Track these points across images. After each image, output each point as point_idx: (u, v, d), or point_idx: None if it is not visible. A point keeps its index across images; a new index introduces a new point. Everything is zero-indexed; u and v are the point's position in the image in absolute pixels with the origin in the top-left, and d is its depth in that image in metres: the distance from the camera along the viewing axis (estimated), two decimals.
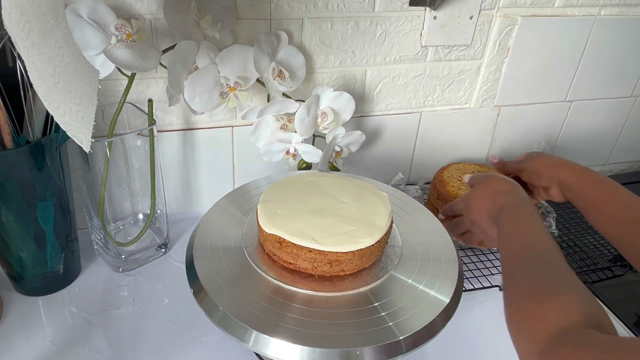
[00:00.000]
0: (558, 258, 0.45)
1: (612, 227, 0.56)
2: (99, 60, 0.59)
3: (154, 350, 0.60)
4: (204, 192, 0.83)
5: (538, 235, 0.47)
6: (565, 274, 0.42)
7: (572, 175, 0.61)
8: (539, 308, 0.38)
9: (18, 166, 0.56)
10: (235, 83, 0.65)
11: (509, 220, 0.51)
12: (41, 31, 0.41)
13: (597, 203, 0.57)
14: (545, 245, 0.46)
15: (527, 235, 0.48)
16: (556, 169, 0.63)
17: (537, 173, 0.65)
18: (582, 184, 0.59)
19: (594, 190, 0.58)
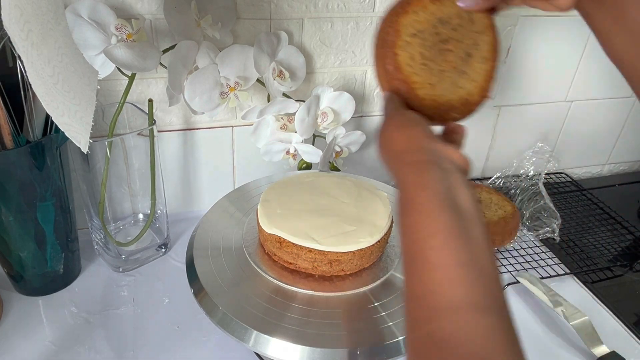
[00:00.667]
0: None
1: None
2: (99, 61, 0.59)
3: (154, 350, 0.60)
4: (204, 192, 0.83)
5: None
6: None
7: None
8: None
9: (18, 166, 0.56)
10: (235, 83, 0.65)
11: (404, 210, 0.36)
12: (41, 31, 0.41)
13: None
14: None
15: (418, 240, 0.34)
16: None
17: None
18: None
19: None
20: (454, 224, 0.33)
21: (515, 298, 0.71)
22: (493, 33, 0.45)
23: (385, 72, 0.44)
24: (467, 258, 0.33)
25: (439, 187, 0.35)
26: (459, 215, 0.34)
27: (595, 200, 0.98)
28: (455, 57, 0.44)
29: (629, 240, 0.88)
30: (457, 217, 0.34)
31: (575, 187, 1.02)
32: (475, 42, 0.44)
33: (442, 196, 0.34)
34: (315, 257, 0.52)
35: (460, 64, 0.44)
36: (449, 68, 0.43)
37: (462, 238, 0.33)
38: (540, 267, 0.77)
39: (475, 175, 1.00)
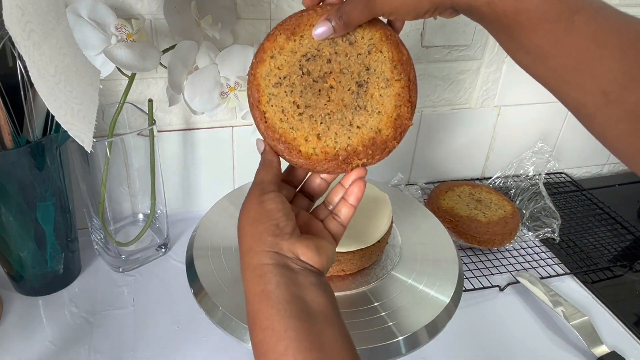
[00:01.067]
0: None
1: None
2: (99, 60, 0.59)
3: (154, 350, 0.60)
4: (204, 192, 0.83)
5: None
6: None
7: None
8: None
9: (18, 166, 0.56)
10: (236, 83, 0.65)
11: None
12: (42, 31, 0.41)
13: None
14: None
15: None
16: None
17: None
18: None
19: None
20: (303, 335, 0.31)
21: (515, 298, 0.71)
22: (390, 45, 0.36)
23: (262, 134, 0.39)
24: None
25: (283, 294, 0.33)
26: (308, 322, 0.32)
27: (595, 200, 0.98)
28: (342, 93, 0.36)
29: (629, 240, 0.88)
30: (306, 325, 0.31)
31: (575, 187, 1.02)
32: (366, 66, 0.36)
33: (287, 305, 0.32)
34: None
35: (352, 98, 0.37)
36: (336, 109, 0.36)
37: (314, 349, 0.31)
38: (540, 267, 0.77)
39: (475, 175, 1.00)
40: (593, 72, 0.32)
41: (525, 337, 0.66)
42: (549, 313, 0.69)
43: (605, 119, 0.33)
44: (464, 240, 0.78)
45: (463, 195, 0.83)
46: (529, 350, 0.64)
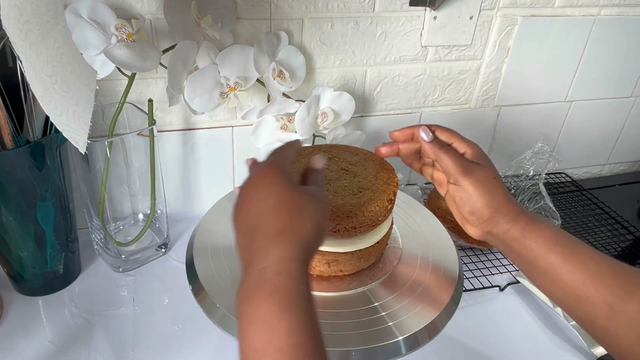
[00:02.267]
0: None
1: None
2: (99, 60, 0.59)
3: (154, 350, 0.60)
4: (204, 192, 0.83)
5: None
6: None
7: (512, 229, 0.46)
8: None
9: (18, 166, 0.56)
10: (235, 83, 0.65)
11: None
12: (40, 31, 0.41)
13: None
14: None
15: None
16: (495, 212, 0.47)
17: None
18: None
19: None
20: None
21: (515, 298, 0.71)
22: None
23: None
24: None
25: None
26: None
27: (595, 200, 0.98)
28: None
29: (629, 240, 0.88)
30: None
31: (575, 187, 1.02)
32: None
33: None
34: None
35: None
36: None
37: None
38: None
39: None
40: (596, 287, 0.40)
41: (525, 337, 0.66)
42: (549, 313, 0.69)
43: (615, 328, 0.39)
44: (464, 240, 0.78)
45: None
46: (528, 350, 0.64)
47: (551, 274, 0.43)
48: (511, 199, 0.48)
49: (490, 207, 0.47)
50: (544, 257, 0.43)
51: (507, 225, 0.46)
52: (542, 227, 0.45)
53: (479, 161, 0.49)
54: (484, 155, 0.50)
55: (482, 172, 0.48)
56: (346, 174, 0.56)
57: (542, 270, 0.44)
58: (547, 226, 0.45)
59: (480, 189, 0.47)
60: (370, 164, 0.58)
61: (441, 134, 0.52)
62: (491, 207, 0.47)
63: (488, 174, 0.48)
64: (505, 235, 0.46)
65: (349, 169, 0.56)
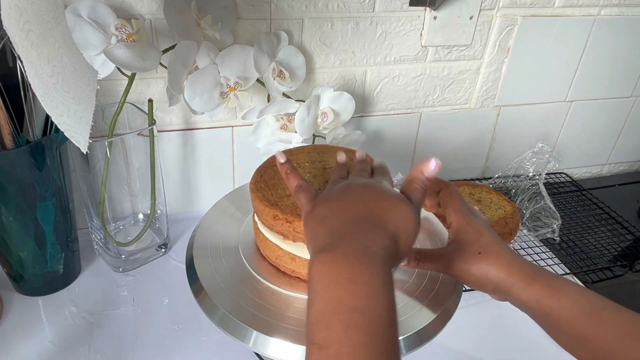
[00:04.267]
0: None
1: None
2: (99, 60, 0.59)
3: (154, 350, 0.60)
4: (204, 192, 0.83)
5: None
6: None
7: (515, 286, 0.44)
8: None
9: (18, 166, 0.56)
10: (235, 83, 0.65)
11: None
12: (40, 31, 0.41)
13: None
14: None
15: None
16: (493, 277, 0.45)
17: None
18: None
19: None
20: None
21: None
22: None
23: None
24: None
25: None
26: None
27: (595, 200, 0.98)
28: None
29: (629, 240, 0.88)
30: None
31: (575, 187, 1.02)
32: None
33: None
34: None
35: None
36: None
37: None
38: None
39: (475, 175, 1.00)
40: (626, 354, 0.38)
41: (525, 337, 0.66)
42: None
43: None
44: None
45: (463, 195, 0.83)
46: (529, 350, 0.64)
47: (577, 340, 0.41)
48: (513, 268, 0.44)
49: (488, 284, 0.45)
50: (568, 327, 0.41)
51: (520, 297, 0.43)
52: (562, 295, 0.42)
53: (461, 237, 0.47)
54: (468, 229, 0.47)
55: (463, 255, 0.46)
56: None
57: (568, 337, 0.42)
58: (568, 294, 0.42)
59: (469, 276, 0.45)
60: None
61: (443, 195, 0.51)
62: (489, 283, 0.45)
63: (470, 254, 0.45)
64: (521, 305, 0.44)
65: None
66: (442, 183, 0.52)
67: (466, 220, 0.48)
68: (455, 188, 0.51)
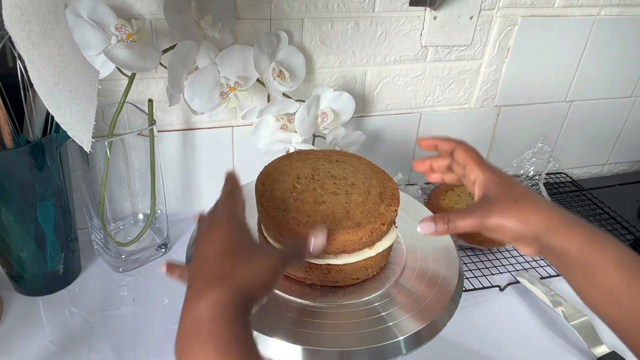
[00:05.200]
0: None
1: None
2: (99, 60, 0.59)
3: (154, 350, 0.60)
4: (204, 192, 0.83)
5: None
6: None
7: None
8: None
9: (18, 166, 0.56)
10: (235, 83, 0.65)
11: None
12: (42, 31, 0.41)
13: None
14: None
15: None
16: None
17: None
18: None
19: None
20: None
21: (515, 298, 0.71)
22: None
23: None
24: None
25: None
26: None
27: (595, 200, 0.98)
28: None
29: (629, 241, 0.88)
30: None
31: (575, 187, 1.02)
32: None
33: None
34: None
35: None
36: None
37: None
38: (540, 267, 0.77)
39: None
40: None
41: (525, 337, 0.66)
42: (549, 313, 0.69)
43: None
44: (464, 240, 0.78)
45: (463, 195, 0.83)
46: (529, 350, 0.64)
47: (610, 294, 0.40)
48: (553, 213, 0.43)
49: (526, 233, 0.43)
50: (605, 278, 0.40)
51: (560, 242, 0.42)
52: (605, 245, 0.41)
53: (492, 190, 0.45)
54: (497, 180, 0.46)
55: (499, 206, 0.44)
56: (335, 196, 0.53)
57: (600, 289, 0.40)
58: (610, 243, 0.41)
59: (507, 228, 0.43)
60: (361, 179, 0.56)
61: (458, 153, 0.50)
62: (527, 232, 0.43)
63: (506, 204, 0.44)
64: (561, 252, 0.42)
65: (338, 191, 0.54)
66: (454, 142, 0.50)
67: (493, 172, 0.47)
68: (469, 144, 0.50)
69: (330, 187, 0.54)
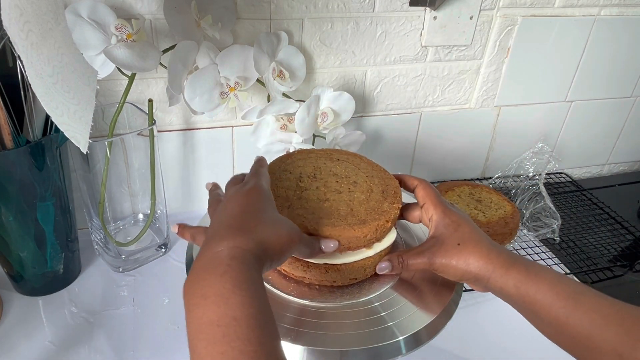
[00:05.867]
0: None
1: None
2: (99, 61, 0.59)
3: (154, 350, 0.60)
4: (204, 192, 0.83)
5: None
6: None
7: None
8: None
9: (18, 166, 0.56)
10: (235, 83, 0.65)
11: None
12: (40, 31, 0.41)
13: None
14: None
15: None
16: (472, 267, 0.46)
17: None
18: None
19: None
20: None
21: None
22: None
23: None
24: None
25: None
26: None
27: (595, 200, 0.98)
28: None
29: (629, 240, 0.88)
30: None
31: (575, 187, 1.02)
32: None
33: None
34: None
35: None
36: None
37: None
38: None
39: (475, 176, 1.00)
40: (604, 337, 0.38)
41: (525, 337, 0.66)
42: None
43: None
44: None
45: (463, 195, 0.83)
46: (529, 351, 0.64)
47: (556, 326, 0.41)
48: (492, 255, 0.45)
49: (468, 274, 0.46)
50: (546, 312, 0.42)
51: (499, 283, 0.44)
52: (539, 280, 0.42)
53: (441, 231, 0.48)
54: (447, 221, 0.48)
55: (444, 248, 0.46)
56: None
57: (546, 323, 0.42)
58: (544, 278, 0.42)
59: (450, 269, 0.46)
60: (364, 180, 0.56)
61: (418, 192, 0.52)
62: (469, 274, 0.45)
63: (450, 246, 0.46)
64: (501, 292, 0.44)
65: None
66: (415, 180, 0.53)
67: (444, 212, 0.49)
68: (429, 183, 0.52)
69: (333, 185, 0.54)
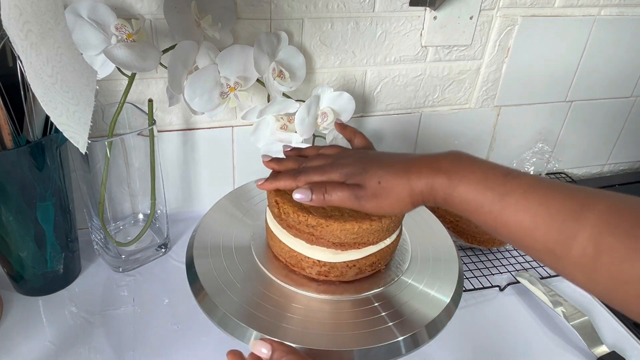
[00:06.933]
0: None
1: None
2: (99, 61, 0.59)
3: (154, 350, 0.60)
4: (204, 192, 0.83)
5: None
6: None
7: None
8: None
9: (18, 166, 0.56)
10: (235, 83, 0.65)
11: None
12: (40, 32, 0.41)
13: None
14: None
15: None
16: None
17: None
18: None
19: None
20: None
21: (515, 298, 0.71)
22: None
23: None
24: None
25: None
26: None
27: None
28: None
29: None
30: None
31: None
32: None
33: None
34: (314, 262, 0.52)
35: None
36: None
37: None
38: (540, 267, 0.77)
39: None
40: (536, 237, 0.38)
41: (525, 337, 0.66)
42: (549, 313, 0.69)
43: (564, 271, 0.38)
44: (464, 240, 0.78)
45: None
46: (528, 351, 0.64)
47: (489, 228, 0.42)
48: (411, 175, 0.45)
49: (401, 206, 0.45)
50: (476, 214, 0.42)
51: (431, 199, 0.44)
52: (461, 191, 0.42)
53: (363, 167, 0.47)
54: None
55: (365, 191, 0.45)
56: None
57: (481, 223, 0.42)
58: (467, 189, 0.42)
59: (381, 206, 0.45)
60: None
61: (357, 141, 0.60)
62: (402, 206, 0.45)
63: (370, 186, 0.45)
64: (437, 205, 0.45)
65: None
66: (354, 133, 0.62)
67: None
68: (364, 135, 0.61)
69: None
